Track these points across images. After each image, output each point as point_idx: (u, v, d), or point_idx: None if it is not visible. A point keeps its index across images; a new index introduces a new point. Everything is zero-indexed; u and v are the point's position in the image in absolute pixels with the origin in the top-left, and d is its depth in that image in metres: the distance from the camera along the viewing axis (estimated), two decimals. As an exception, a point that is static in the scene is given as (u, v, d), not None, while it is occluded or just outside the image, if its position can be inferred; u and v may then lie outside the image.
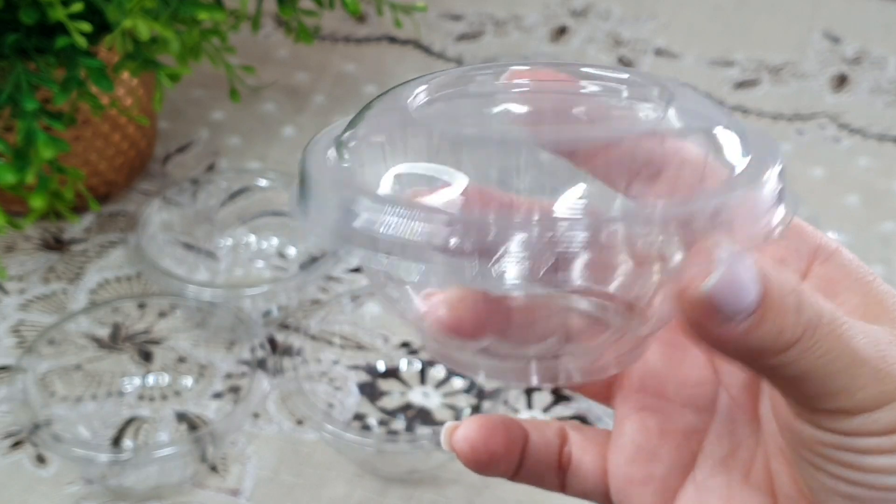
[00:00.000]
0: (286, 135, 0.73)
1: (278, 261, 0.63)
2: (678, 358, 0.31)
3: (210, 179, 0.66)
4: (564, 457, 0.32)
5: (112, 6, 0.54)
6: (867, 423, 0.24)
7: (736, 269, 0.23)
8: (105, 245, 0.64)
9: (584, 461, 0.31)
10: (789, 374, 0.24)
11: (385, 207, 0.23)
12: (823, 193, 0.69)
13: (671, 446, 0.30)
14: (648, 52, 0.82)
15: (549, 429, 0.32)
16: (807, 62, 0.81)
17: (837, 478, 0.26)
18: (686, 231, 0.23)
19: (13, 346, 0.58)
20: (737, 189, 0.24)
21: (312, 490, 0.51)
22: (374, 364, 0.56)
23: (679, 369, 0.31)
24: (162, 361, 0.56)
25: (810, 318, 0.24)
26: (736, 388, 0.30)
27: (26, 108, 0.54)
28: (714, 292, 0.23)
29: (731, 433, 0.30)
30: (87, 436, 0.52)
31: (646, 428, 0.31)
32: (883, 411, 0.24)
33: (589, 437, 0.32)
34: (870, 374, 0.24)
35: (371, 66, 0.80)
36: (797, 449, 0.26)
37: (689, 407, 0.31)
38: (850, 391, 0.24)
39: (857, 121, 0.75)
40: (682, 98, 0.27)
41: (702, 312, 0.23)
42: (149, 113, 0.67)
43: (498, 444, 0.30)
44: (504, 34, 0.84)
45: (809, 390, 0.24)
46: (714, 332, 0.23)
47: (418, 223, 0.23)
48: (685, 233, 0.23)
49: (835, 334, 0.24)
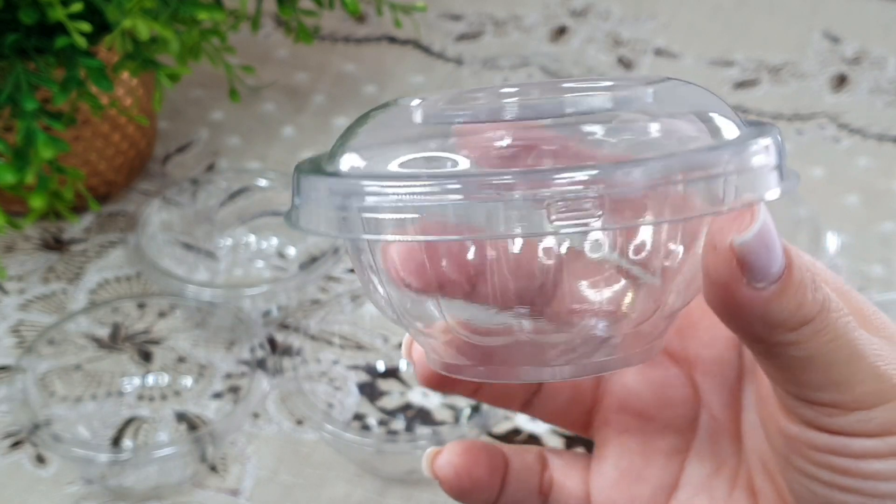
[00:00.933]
0: (286, 135, 0.73)
1: (278, 261, 0.63)
2: (658, 378, 0.30)
3: (210, 179, 0.66)
4: (546, 482, 0.31)
5: (112, 6, 0.54)
6: (862, 421, 0.24)
7: (769, 231, 0.23)
8: (105, 245, 0.64)
9: (567, 486, 0.31)
10: (796, 354, 0.24)
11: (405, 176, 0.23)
12: (823, 193, 0.69)
13: (654, 468, 0.30)
14: (648, 53, 0.82)
15: (529, 454, 0.31)
16: (806, 62, 0.81)
17: (830, 485, 0.25)
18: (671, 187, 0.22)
19: (13, 346, 0.58)
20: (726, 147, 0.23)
21: (312, 490, 0.51)
22: (374, 364, 0.56)
23: (659, 389, 0.30)
24: (162, 361, 0.56)
25: (824, 300, 0.24)
26: (717, 407, 0.30)
27: (26, 108, 0.54)
28: (747, 250, 0.22)
29: (714, 453, 0.30)
30: (86, 436, 0.52)
31: (628, 450, 0.30)
32: (878, 410, 0.24)
33: (570, 462, 0.31)
34: (868, 369, 0.24)
35: (371, 66, 0.80)
36: (788, 456, 0.26)
37: (671, 427, 0.30)
38: (850, 384, 0.24)
39: (857, 121, 0.75)
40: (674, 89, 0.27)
41: (731, 272, 0.23)
42: (148, 113, 0.67)
43: (481, 470, 0.30)
44: (504, 34, 0.84)
45: (810, 377, 0.24)
46: (738, 295, 0.23)
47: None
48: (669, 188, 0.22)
49: (841, 322, 0.24)
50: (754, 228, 0.22)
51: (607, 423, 0.31)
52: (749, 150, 0.23)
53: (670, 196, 0.22)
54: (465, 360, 0.27)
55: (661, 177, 0.22)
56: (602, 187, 0.22)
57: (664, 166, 0.22)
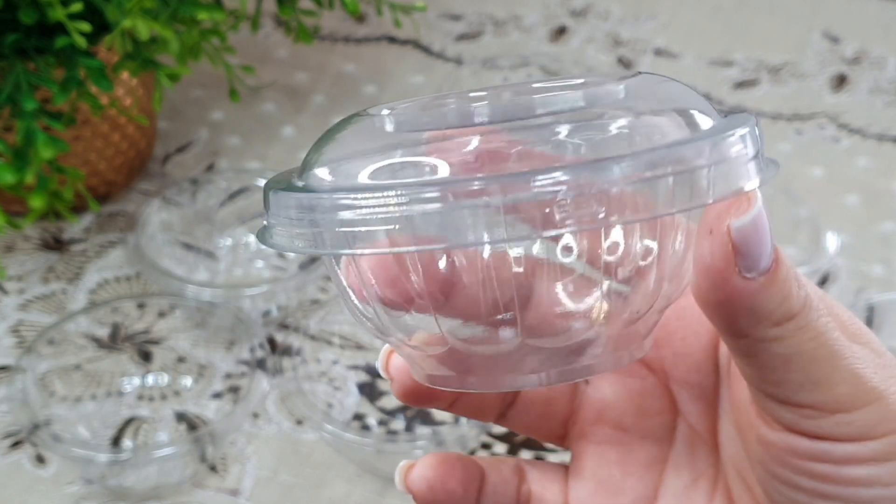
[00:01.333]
0: (286, 135, 0.73)
1: (278, 261, 0.63)
2: (635, 388, 0.30)
3: (210, 179, 0.66)
4: (523, 495, 0.31)
5: (112, 6, 0.54)
6: (841, 424, 0.24)
7: (762, 220, 0.23)
8: (105, 245, 0.64)
9: (545, 498, 0.31)
10: (778, 352, 0.24)
11: None
12: (823, 193, 0.69)
13: (632, 479, 0.30)
14: (648, 53, 0.82)
15: (505, 466, 0.31)
16: (806, 62, 0.81)
17: (811, 493, 0.25)
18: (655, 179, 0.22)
19: (13, 346, 0.58)
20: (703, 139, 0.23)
21: (312, 490, 0.51)
22: (374, 364, 0.56)
23: (636, 399, 0.30)
24: (161, 361, 0.56)
25: (807, 297, 0.24)
26: (694, 417, 0.30)
27: (26, 108, 0.54)
28: (742, 234, 0.22)
29: (691, 463, 0.30)
30: (86, 436, 0.52)
31: (606, 462, 0.30)
32: (859, 413, 0.24)
33: (548, 474, 0.31)
34: (847, 369, 0.24)
35: (370, 66, 0.80)
36: (767, 464, 0.26)
37: (649, 438, 0.30)
38: (830, 383, 0.24)
39: (857, 121, 0.75)
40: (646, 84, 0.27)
41: (725, 256, 0.23)
42: (148, 113, 0.67)
43: (456, 483, 0.29)
44: (503, 34, 0.84)
45: (790, 376, 0.24)
46: (729, 284, 0.23)
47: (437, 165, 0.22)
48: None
49: (822, 321, 0.24)
50: (752, 212, 0.23)
51: (584, 435, 0.31)
52: (726, 142, 0.23)
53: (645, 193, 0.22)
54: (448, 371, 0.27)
55: (636, 173, 0.22)
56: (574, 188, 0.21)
57: (645, 161, 0.22)
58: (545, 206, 0.22)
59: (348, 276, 0.26)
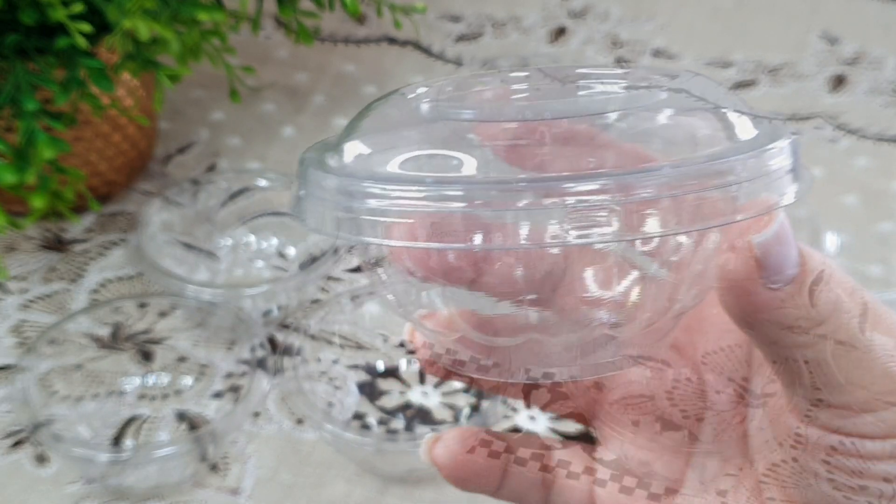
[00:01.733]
0: (286, 135, 0.73)
1: (278, 261, 0.63)
2: (665, 373, 0.30)
3: (210, 180, 0.66)
4: (548, 476, 0.31)
5: (112, 6, 0.54)
6: (874, 423, 0.24)
7: (786, 232, 0.23)
8: (106, 245, 0.64)
9: (570, 481, 0.31)
10: (809, 357, 0.24)
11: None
12: (822, 194, 0.69)
13: (658, 464, 0.30)
14: (647, 53, 0.82)
15: (532, 443, 0.31)
16: (805, 63, 0.81)
17: (843, 487, 0.25)
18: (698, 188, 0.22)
19: (14, 345, 0.58)
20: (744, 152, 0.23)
21: (312, 489, 0.51)
22: (374, 363, 0.56)
23: (666, 384, 0.30)
24: (162, 361, 0.56)
25: (836, 301, 0.24)
26: (723, 404, 0.30)
27: (27, 108, 0.54)
28: (765, 247, 0.23)
29: (719, 452, 0.30)
30: (87, 435, 0.52)
31: (633, 445, 0.30)
32: (890, 412, 0.24)
33: (573, 456, 0.31)
34: (880, 369, 0.24)
35: (370, 67, 0.80)
36: (800, 458, 0.26)
37: (677, 423, 0.30)
38: (863, 384, 0.24)
39: (855, 121, 0.75)
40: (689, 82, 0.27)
41: (748, 270, 0.23)
42: (149, 113, 0.67)
43: (480, 458, 0.30)
44: (503, 35, 0.84)
45: (823, 380, 0.24)
46: (755, 296, 0.23)
47: None
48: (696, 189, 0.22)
49: (853, 323, 0.24)
50: (773, 227, 0.23)
51: (611, 418, 0.31)
52: (766, 155, 0.23)
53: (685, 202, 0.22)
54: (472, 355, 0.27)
55: (676, 184, 0.22)
56: (616, 196, 0.22)
57: (680, 174, 0.22)
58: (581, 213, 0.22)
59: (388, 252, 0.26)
